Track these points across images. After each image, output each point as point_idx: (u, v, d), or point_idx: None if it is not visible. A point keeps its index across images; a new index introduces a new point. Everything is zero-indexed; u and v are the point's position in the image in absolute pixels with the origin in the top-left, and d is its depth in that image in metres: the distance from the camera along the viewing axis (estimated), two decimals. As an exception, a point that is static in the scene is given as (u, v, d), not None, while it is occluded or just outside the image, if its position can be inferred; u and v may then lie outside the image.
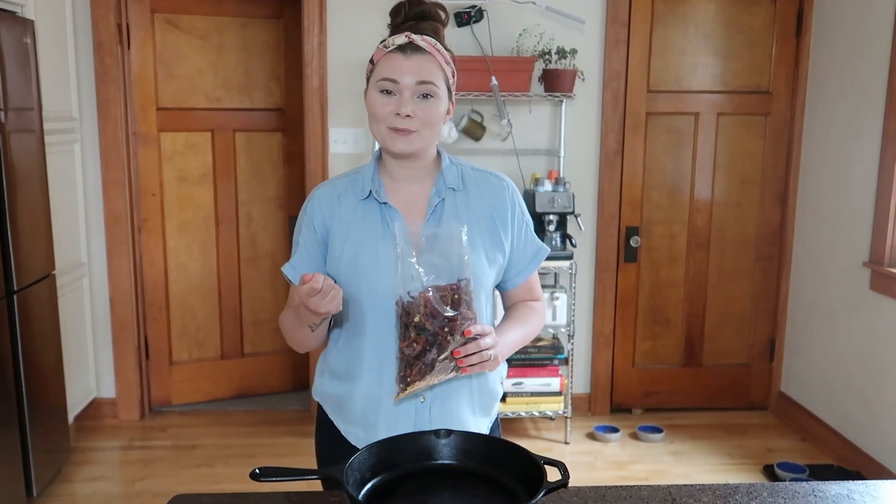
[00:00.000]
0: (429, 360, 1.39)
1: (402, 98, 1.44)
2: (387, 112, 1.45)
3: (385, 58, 1.46)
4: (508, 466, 1.29)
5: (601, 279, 3.99)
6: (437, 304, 1.37)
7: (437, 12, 1.53)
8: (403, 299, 1.39)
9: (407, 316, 1.39)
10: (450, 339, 1.38)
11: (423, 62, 1.45)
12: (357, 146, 3.79)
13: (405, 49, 1.45)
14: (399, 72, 1.44)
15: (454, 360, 1.40)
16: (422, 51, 1.46)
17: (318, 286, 1.33)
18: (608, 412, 4.11)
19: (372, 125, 1.50)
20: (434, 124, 1.48)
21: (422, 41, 1.46)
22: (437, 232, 1.44)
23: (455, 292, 1.40)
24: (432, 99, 1.46)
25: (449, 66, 1.50)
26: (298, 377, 4.31)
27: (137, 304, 3.94)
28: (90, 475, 3.39)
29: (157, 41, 3.84)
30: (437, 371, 1.40)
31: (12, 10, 3.02)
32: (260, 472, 1.23)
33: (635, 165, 3.94)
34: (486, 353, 1.40)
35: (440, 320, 1.37)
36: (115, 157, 3.76)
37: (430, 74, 1.45)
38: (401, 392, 1.43)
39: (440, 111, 1.48)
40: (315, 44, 3.71)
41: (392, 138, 1.47)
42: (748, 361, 4.17)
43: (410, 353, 1.39)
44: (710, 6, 3.84)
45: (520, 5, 3.65)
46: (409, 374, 1.41)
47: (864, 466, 3.41)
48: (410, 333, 1.39)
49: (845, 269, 3.58)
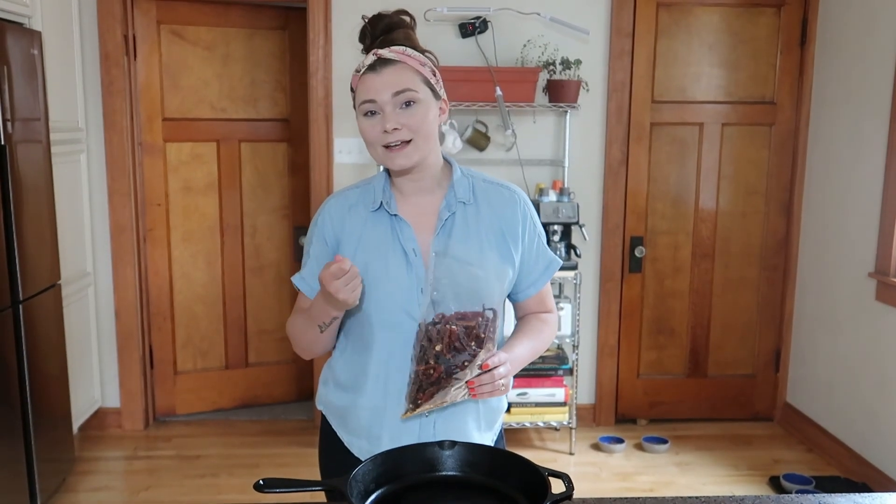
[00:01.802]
0: (442, 386, 1.39)
1: (384, 114, 1.44)
2: (376, 133, 1.45)
3: (360, 81, 1.47)
4: (512, 478, 1.29)
5: (606, 289, 3.99)
6: (462, 339, 1.37)
7: (400, 19, 1.53)
8: (426, 323, 1.39)
9: (428, 342, 1.38)
10: (467, 371, 1.38)
11: (393, 73, 1.45)
12: (362, 156, 3.80)
13: (375, 66, 1.45)
14: (374, 90, 1.44)
15: (467, 387, 1.40)
16: (391, 62, 1.45)
17: (346, 267, 1.35)
18: (613, 423, 4.10)
19: (369, 150, 1.50)
20: (425, 129, 1.47)
21: (389, 53, 1.46)
22: (454, 254, 1.44)
23: (481, 328, 1.39)
24: (415, 105, 1.45)
25: (426, 67, 1.49)
26: (303, 387, 4.31)
27: (142, 314, 3.95)
28: (94, 485, 3.39)
29: (163, 52, 3.86)
30: (448, 396, 1.40)
31: (20, 21, 3.04)
32: (264, 483, 1.23)
33: (640, 176, 3.94)
34: (498, 382, 1.40)
35: (461, 354, 1.37)
36: (120, 167, 3.77)
37: (405, 82, 1.45)
38: (409, 411, 1.43)
39: (428, 115, 1.47)
40: (320, 55, 3.73)
41: (390, 157, 1.47)
42: (753, 372, 4.16)
43: (426, 378, 1.39)
44: (715, 17, 3.85)
45: (524, 16, 3.67)
46: (421, 398, 1.40)
47: (871, 478, 3.39)
48: (429, 360, 1.38)
49: (851, 280, 3.57)
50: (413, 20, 1.56)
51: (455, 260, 1.46)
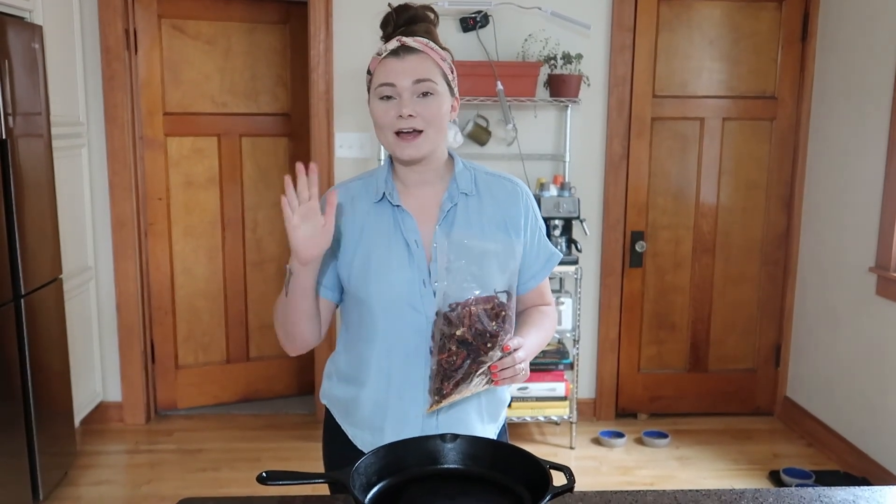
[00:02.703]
0: (467, 373, 1.38)
1: (401, 100, 1.44)
2: (390, 117, 1.45)
3: (380, 65, 1.47)
4: (514, 471, 1.29)
5: (606, 284, 3.99)
6: (482, 319, 1.36)
7: (425, 13, 1.54)
8: (443, 310, 1.37)
9: (448, 327, 1.37)
10: (490, 354, 1.37)
11: (417, 61, 1.45)
12: (363, 151, 3.80)
13: (398, 52, 1.45)
14: (395, 74, 1.44)
15: (489, 373, 1.39)
16: (415, 51, 1.46)
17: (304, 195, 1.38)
18: (613, 417, 4.11)
19: (378, 134, 1.49)
20: (438, 122, 1.47)
21: (413, 42, 1.47)
22: (465, 242, 1.43)
23: (500, 308, 1.38)
24: (432, 96, 1.46)
25: (446, 63, 1.50)
26: (303, 381, 4.32)
27: (144, 308, 3.95)
28: (96, 479, 3.40)
29: (164, 46, 3.86)
30: (472, 384, 1.39)
31: (21, 15, 3.04)
32: (267, 475, 1.23)
33: (640, 170, 3.94)
34: (518, 367, 1.40)
35: (483, 336, 1.36)
36: (121, 161, 3.77)
37: (427, 72, 1.45)
38: (435, 404, 1.41)
39: (443, 108, 1.47)
40: (321, 49, 3.72)
41: (399, 146, 1.46)
42: (754, 367, 4.17)
43: (449, 366, 1.37)
44: (716, 11, 3.85)
45: (525, 11, 3.66)
46: (446, 388, 1.38)
47: (871, 472, 3.40)
48: (451, 346, 1.37)
49: (851, 274, 3.58)
50: (437, 17, 1.56)
51: (460, 249, 1.46)
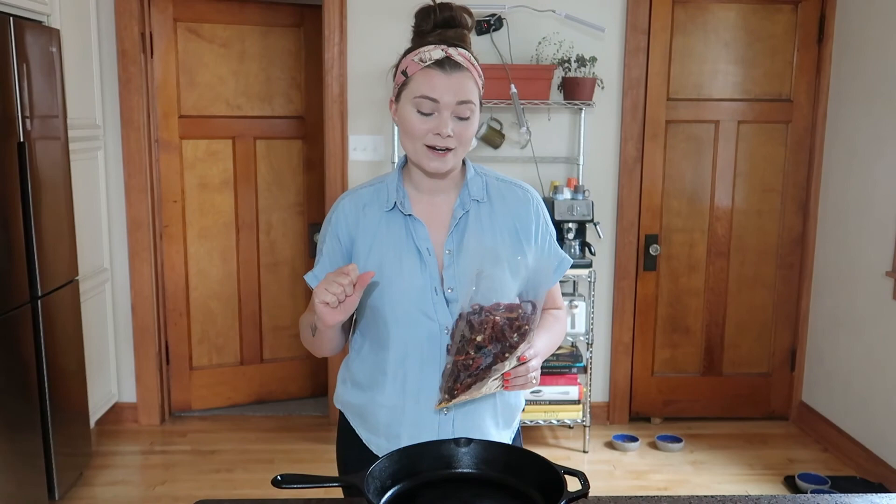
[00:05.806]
0: (480, 377, 1.38)
1: (441, 117, 1.41)
2: (425, 130, 1.42)
3: (422, 73, 1.42)
4: (528, 475, 1.29)
5: (620, 287, 3.98)
6: (504, 330, 1.36)
7: (464, 18, 1.48)
8: (466, 312, 1.38)
9: (470, 330, 1.37)
10: (506, 363, 1.38)
11: (462, 80, 1.42)
12: (376, 153, 3.81)
13: (443, 65, 1.41)
14: (440, 91, 1.40)
15: (502, 379, 1.40)
16: (460, 67, 1.42)
17: (348, 272, 1.32)
18: (627, 421, 4.09)
19: (406, 141, 1.46)
20: (469, 141, 1.46)
21: (458, 56, 1.42)
22: (486, 248, 1.43)
23: (524, 321, 1.38)
24: (471, 117, 1.44)
25: (481, 80, 1.48)
26: (317, 383, 4.33)
27: (158, 310, 3.98)
28: (111, 479, 3.42)
29: (179, 49, 3.88)
30: (484, 387, 1.40)
31: (38, 19, 3.07)
32: (282, 478, 1.24)
33: (655, 173, 3.92)
34: (530, 375, 1.40)
35: (503, 346, 1.37)
36: (137, 164, 3.80)
37: (469, 93, 1.43)
38: (444, 402, 1.42)
39: (475, 128, 1.46)
40: (335, 52, 3.73)
41: (428, 157, 1.44)
42: (769, 371, 4.14)
43: (464, 368, 1.38)
44: (731, 14, 3.83)
45: (539, 13, 3.66)
46: (458, 388, 1.39)
47: (887, 478, 3.37)
48: (468, 350, 1.37)
49: (867, 279, 3.55)
50: (473, 23, 1.51)
51: (471, 256, 1.46)
